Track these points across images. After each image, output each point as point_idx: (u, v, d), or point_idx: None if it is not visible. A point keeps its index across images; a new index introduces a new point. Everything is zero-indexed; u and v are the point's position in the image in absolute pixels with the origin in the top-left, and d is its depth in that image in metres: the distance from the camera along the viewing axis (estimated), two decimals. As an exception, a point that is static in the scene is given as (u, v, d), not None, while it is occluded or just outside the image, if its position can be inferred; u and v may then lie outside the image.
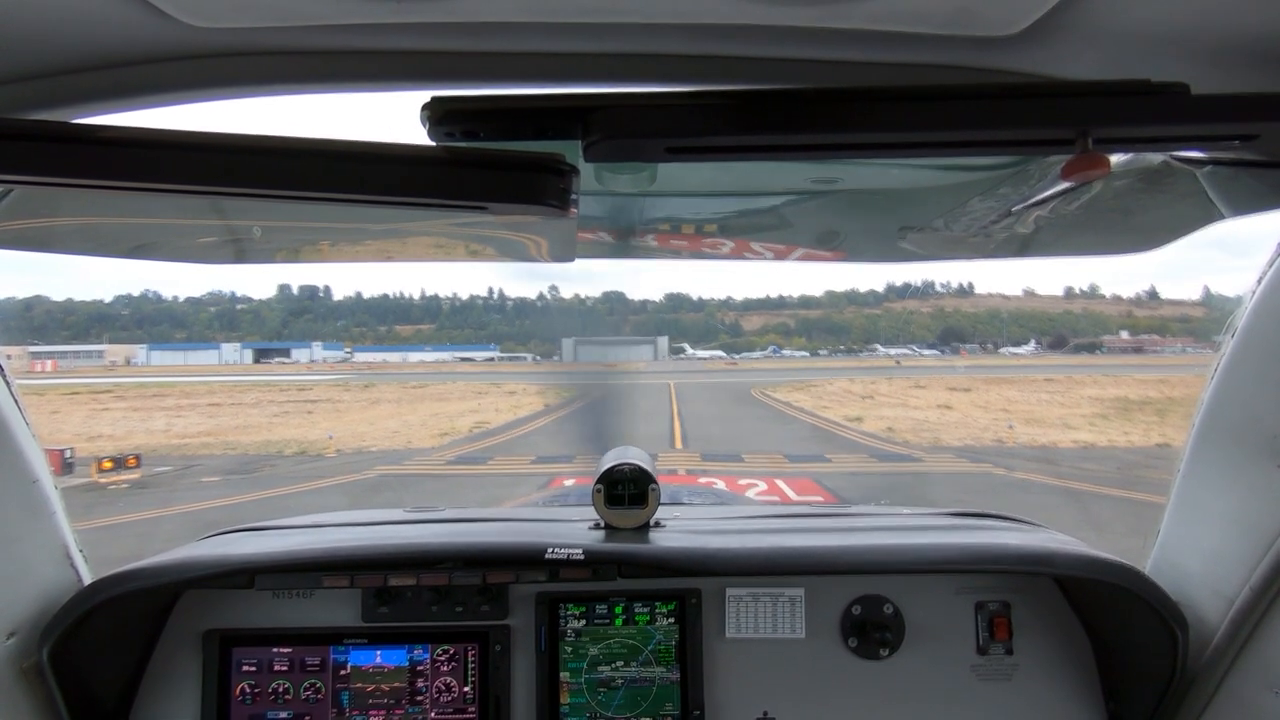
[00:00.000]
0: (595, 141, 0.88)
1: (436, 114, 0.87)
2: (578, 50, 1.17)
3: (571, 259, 1.98)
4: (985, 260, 2.03)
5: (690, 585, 1.86)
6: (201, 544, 1.89)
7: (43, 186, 1.05)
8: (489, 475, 16.63)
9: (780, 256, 2.09)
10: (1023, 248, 1.89)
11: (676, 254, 2.20)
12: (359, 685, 1.80)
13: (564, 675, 1.83)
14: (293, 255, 2.01)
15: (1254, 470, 1.49)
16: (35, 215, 1.52)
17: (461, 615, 1.83)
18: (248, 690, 1.79)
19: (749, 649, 1.86)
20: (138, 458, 17.85)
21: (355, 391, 38.74)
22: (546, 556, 1.72)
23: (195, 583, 1.70)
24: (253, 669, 1.80)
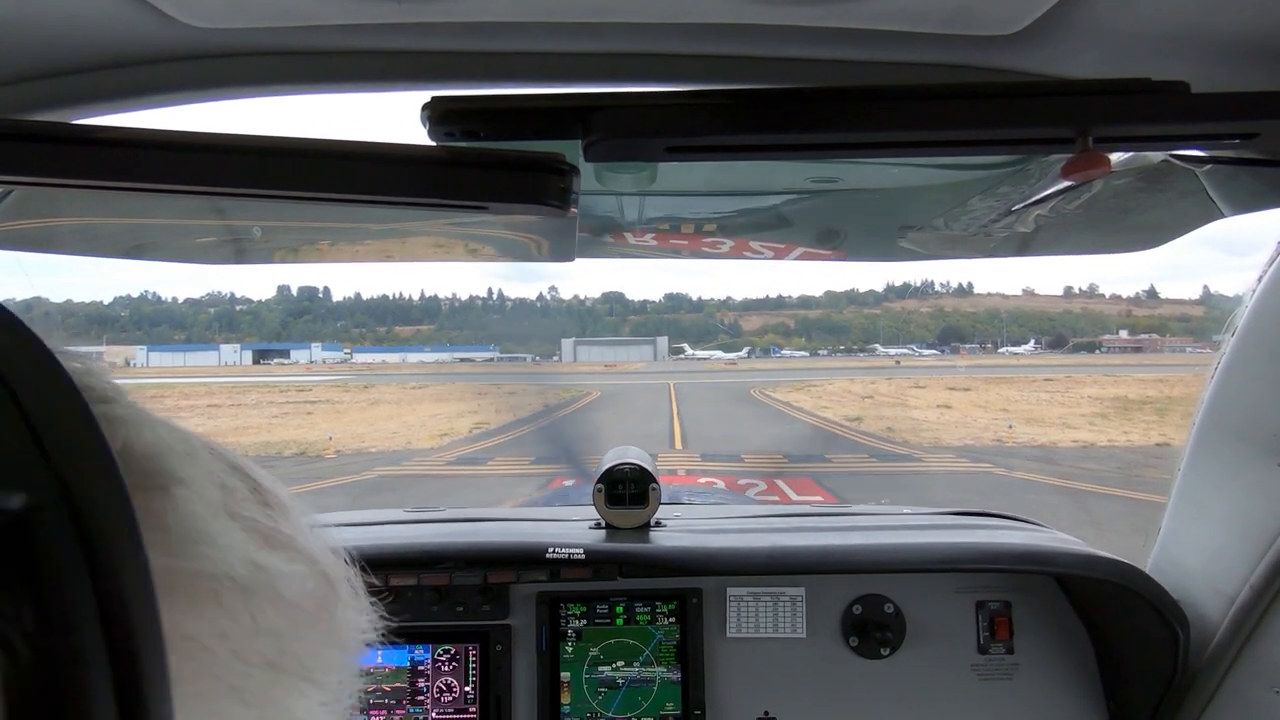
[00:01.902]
0: (595, 141, 0.88)
1: (436, 114, 0.86)
2: (578, 50, 1.17)
3: (572, 259, 1.98)
4: (985, 259, 2.03)
5: (691, 585, 1.86)
6: None
7: (43, 187, 1.05)
8: (489, 475, 16.64)
9: (780, 255, 2.09)
10: (1023, 246, 1.88)
11: (676, 253, 2.20)
12: (359, 685, 1.80)
13: (565, 675, 1.83)
14: (292, 255, 2.01)
15: (1255, 469, 1.49)
16: (35, 216, 1.52)
17: (462, 615, 1.83)
18: (248, 691, 1.79)
19: (750, 648, 1.86)
20: (137, 459, 17.80)
21: (355, 392, 38.76)
22: (547, 556, 1.72)
23: None
24: None
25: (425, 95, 0.88)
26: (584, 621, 1.85)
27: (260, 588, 0.38)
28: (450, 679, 1.82)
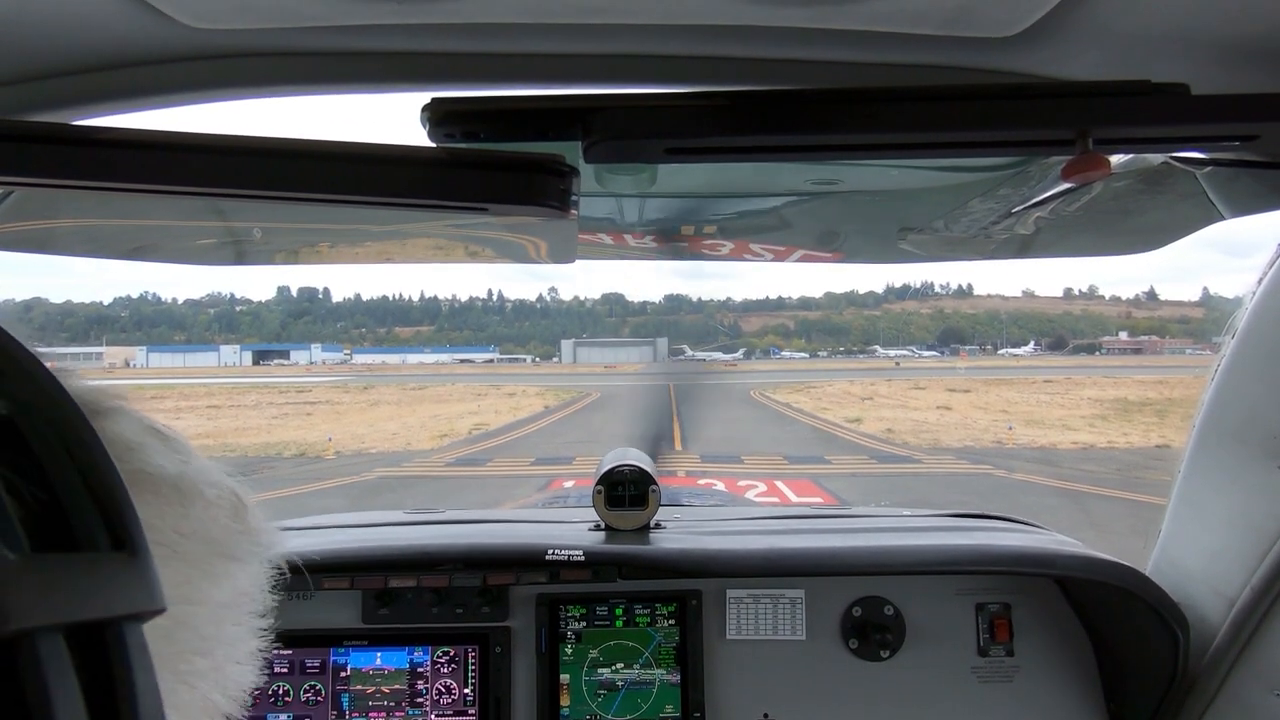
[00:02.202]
0: (595, 142, 0.88)
1: (436, 115, 0.86)
2: (578, 51, 1.17)
3: (571, 260, 1.98)
4: (985, 261, 2.03)
5: (691, 586, 1.85)
6: None
7: (43, 188, 1.05)
8: (489, 476, 16.63)
9: (780, 257, 2.09)
10: (1023, 248, 1.88)
11: (676, 255, 2.20)
12: (359, 687, 1.80)
13: (564, 677, 1.83)
14: (292, 256, 2.01)
15: (1254, 470, 1.48)
16: (36, 217, 1.52)
17: (462, 617, 1.83)
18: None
19: (749, 650, 1.86)
20: (137, 460, 17.76)
21: (354, 393, 38.75)
22: (547, 558, 1.72)
23: None
24: None
25: (425, 96, 0.88)
26: (583, 623, 1.85)
27: (187, 487, 0.52)
28: (450, 681, 1.81)
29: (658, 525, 1.93)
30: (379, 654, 1.81)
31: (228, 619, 0.54)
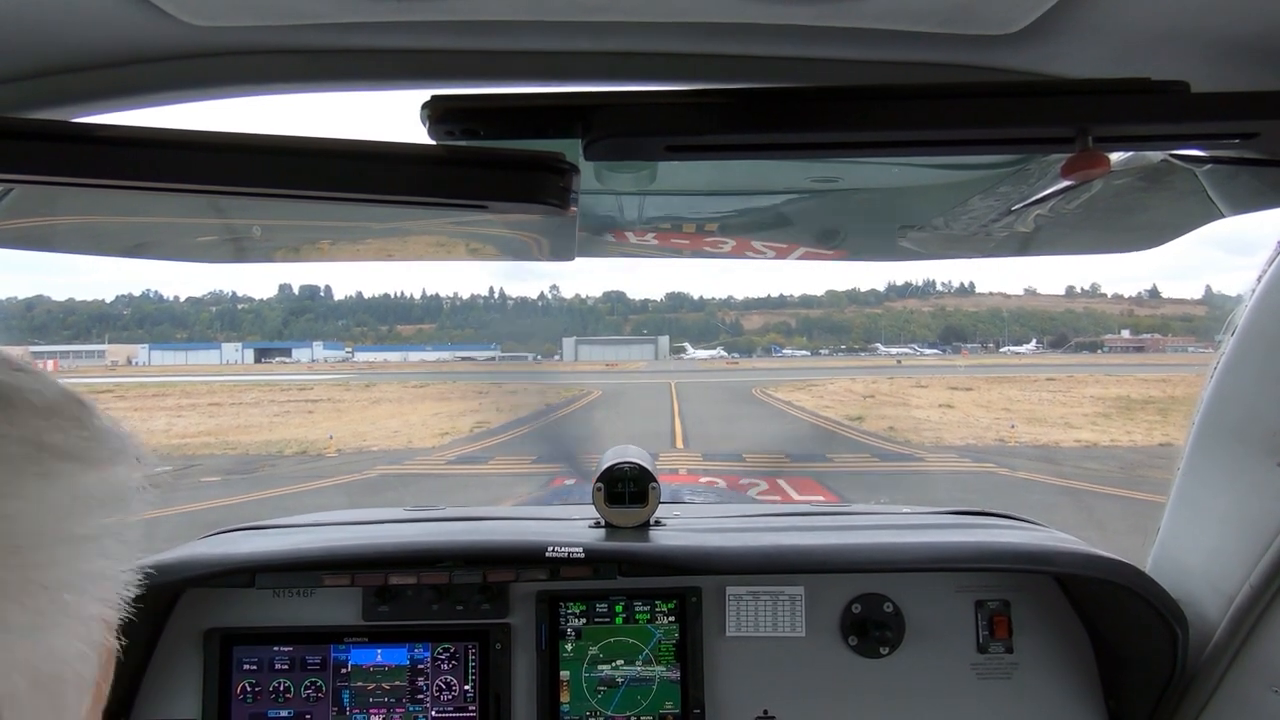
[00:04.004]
0: (595, 140, 0.88)
1: (436, 113, 0.87)
2: (578, 49, 1.17)
3: (572, 258, 1.98)
4: (985, 259, 2.03)
5: (690, 584, 1.86)
6: (202, 543, 1.89)
7: (43, 185, 1.05)
8: (491, 474, 16.64)
9: (781, 255, 2.09)
10: (1023, 246, 1.89)
11: (677, 253, 2.20)
12: (359, 684, 1.81)
13: (564, 674, 1.83)
14: (293, 254, 2.02)
15: (1254, 468, 1.49)
16: (35, 214, 1.52)
17: (462, 614, 1.84)
18: (248, 689, 1.79)
19: (749, 647, 1.86)
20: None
21: (356, 391, 38.74)
22: (547, 555, 1.72)
23: (196, 581, 1.71)
24: (253, 668, 1.80)
25: (425, 94, 0.88)
26: (583, 620, 1.85)
27: (15, 397, 0.55)
28: (450, 678, 1.82)
29: (658, 522, 1.93)
30: (379, 651, 1.82)
31: (71, 517, 0.56)
